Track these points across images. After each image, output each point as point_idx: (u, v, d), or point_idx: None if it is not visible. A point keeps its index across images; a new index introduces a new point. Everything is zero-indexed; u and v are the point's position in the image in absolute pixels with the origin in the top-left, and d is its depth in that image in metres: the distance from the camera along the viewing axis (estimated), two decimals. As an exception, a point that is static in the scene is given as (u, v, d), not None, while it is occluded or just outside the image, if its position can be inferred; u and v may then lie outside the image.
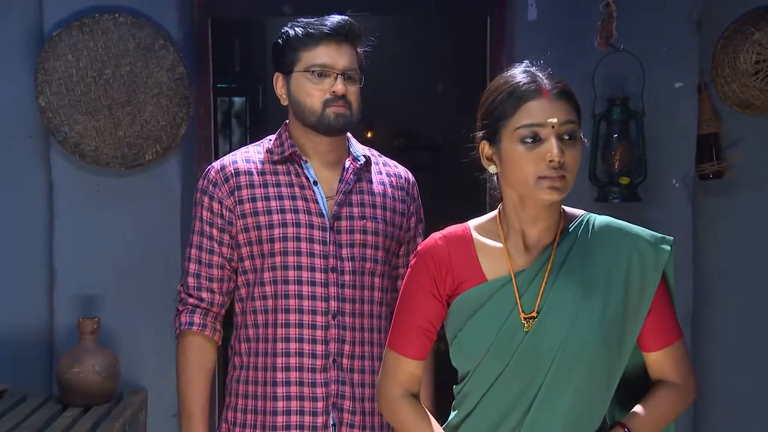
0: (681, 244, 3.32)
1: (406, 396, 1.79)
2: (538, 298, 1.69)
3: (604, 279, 1.69)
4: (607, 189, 3.20)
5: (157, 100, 3.15)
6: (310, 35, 2.17)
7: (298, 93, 2.19)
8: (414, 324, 1.78)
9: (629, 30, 3.26)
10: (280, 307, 2.17)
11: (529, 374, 1.68)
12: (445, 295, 1.76)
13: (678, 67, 3.31)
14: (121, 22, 3.13)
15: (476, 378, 1.73)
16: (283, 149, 2.23)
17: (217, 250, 2.22)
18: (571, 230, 1.75)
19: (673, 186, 3.32)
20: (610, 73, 3.24)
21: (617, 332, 1.68)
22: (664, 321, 1.73)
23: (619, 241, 1.73)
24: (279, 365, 2.17)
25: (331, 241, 2.18)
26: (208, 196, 2.22)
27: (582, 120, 1.76)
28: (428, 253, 1.78)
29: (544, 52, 3.27)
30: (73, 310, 3.18)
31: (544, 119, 1.64)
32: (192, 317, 2.22)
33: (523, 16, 3.29)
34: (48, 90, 3.12)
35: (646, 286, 1.71)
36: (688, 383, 1.76)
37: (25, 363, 3.27)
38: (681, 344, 1.76)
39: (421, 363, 1.81)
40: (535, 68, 1.73)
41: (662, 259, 1.72)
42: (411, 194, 2.35)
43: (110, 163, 3.16)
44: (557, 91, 1.68)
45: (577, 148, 1.68)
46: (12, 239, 3.28)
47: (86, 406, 2.93)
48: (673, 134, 3.31)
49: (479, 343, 1.70)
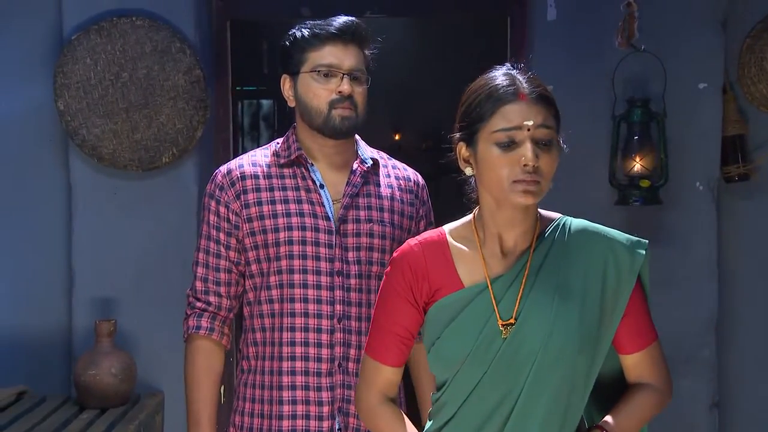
0: (705, 247, 3.30)
1: (384, 402, 1.81)
2: (516, 304, 1.68)
3: (581, 283, 1.69)
4: (627, 192, 3.16)
5: (173, 103, 3.15)
6: (317, 35, 2.18)
7: (305, 93, 2.19)
8: (391, 331, 1.78)
9: (651, 30, 3.21)
10: (286, 310, 2.17)
11: (508, 381, 1.68)
12: (422, 301, 1.76)
13: (702, 68, 3.26)
14: (138, 25, 3.14)
15: (455, 386, 1.72)
16: (290, 152, 2.22)
17: (224, 254, 2.22)
18: (547, 234, 1.74)
19: (697, 189, 3.27)
20: (630, 73, 3.20)
21: (593, 336, 1.69)
22: (640, 323, 1.74)
23: (596, 245, 1.73)
24: (285, 369, 2.17)
25: (337, 245, 2.18)
26: (215, 200, 2.23)
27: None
28: (404, 259, 1.77)
29: (564, 52, 3.29)
30: (91, 312, 3.20)
31: (520, 122, 1.64)
32: (199, 321, 2.22)
33: (543, 15, 3.26)
34: (66, 93, 3.14)
35: (621, 290, 1.71)
36: (665, 384, 1.77)
37: (45, 365, 3.29)
38: (657, 345, 1.77)
39: (399, 369, 1.81)
40: (516, 71, 1.71)
41: (637, 263, 1.72)
42: (420, 197, 2.33)
43: (127, 166, 3.17)
44: (535, 95, 1.66)
45: (553, 154, 1.67)
46: (32, 241, 3.30)
47: (103, 408, 2.94)
48: (697, 136, 3.26)
49: (457, 351, 1.70)
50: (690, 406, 3.28)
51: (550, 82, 3.16)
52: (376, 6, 3.46)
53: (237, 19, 3.48)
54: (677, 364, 3.30)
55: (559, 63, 3.26)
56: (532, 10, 3.31)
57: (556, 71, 3.22)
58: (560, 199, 3.37)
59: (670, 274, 3.24)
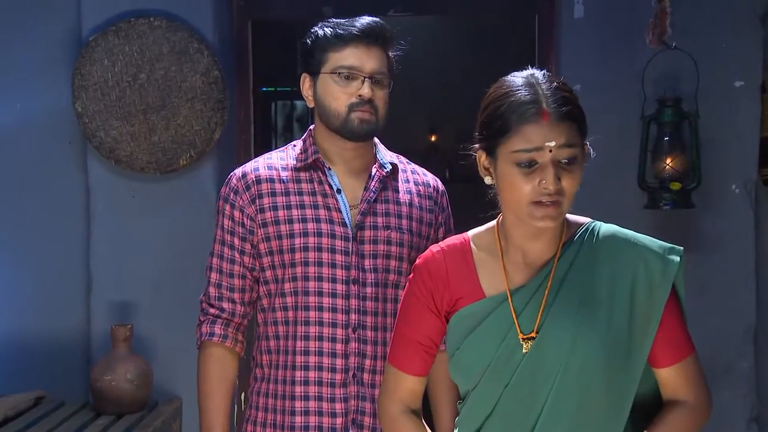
0: (742, 253, 3.18)
1: (405, 412, 1.77)
2: (538, 316, 1.62)
3: (607, 294, 1.62)
4: (657, 195, 3.05)
5: (191, 105, 3.11)
6: (339, 36, 2.10)
7: (324, 95, 2.12)
8: (413, 339, 1.75)
9: (684, 26, 3.11)
10: (300, 319, 2.11)
11: (529, 398, 1.61)
12: (444, 310, 1.72)
13: (739, 65, 3.15)
14: (155, 26, 3.11)
15: (475, 398, 1.68)
16: (307, 155, 2.17)
17: (238, 260, 2.17)
18: (574, 242, 1.67)
19: (733, 192, 3.15)
20: (660, 72, 3.10)
21: (622, 350, 1.60)
22: (675, 335, 1.65)
23: (624, 253, 1.65)
24: (298, 379, 2.11)
25: (354, 252, 2.11)
26: (230, 204, 2.17)
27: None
28: (425, 266, 1.74)
29: (591, 51, 3.19)
30: (108, 317, 3.18)
31: (541, 143, 1.57)
32: (213, 328, 2.18)
33: (570, 14, 3.18)
34: (84, 95, 3.12)
35: (654, 300, 1.62)
36: (701, 401, 1.68)
37: (65, 369, 3.28)
38: (694, 359, 1.67)
39: (422, 379, 1.77)
40: (542, 79, 1.62)
41: (671, 271, 1.63)
42: (440, 204, 2.26)
43: (145, 169, 3.14)
44: (558, 114, 1.57)
45: (576, 172, 1.60)
46: (52, 244, 3.29)
47: (119, 414, 2.92)
48: (733, 136, 3.15)
49: (476, 362, 1.65)
50: (727, 420, 3.16)
51: (578, 81, 3.15)
52: (401, 5, 3.39)
53: (259, 19, 3.43)
54: (714, 377, 3.17)
55: (587, 62, 3.18)
56: (560, 8, 3.23)
57: (584, 70, 3.15)
58: (587, 202, 3.25)
59: (704, 281, 3.13)
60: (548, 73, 1.64)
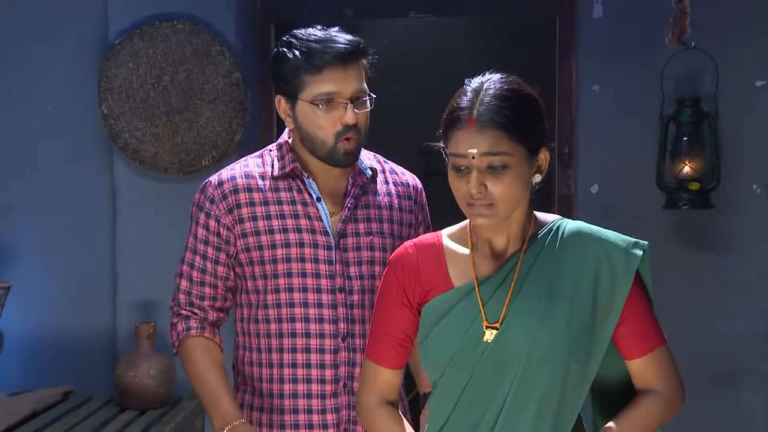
0: (762, 253, 3.15)
1: (382, 404, 1.80)
2: (504, 307, 1.66)
3: (570, 286, 1.65)
4: (675, 195, 3.04)
5: (213, 106, 3.16)
6: (313, 64, 1.99)
7: (307, 125, 2.04)
8: (388, 333, 1.78)
9: (704, 25, 3.09)
10: (286, 331, 2.07)
11: (493, 387, 1.66)
12: (415, 303, 1.75)
13: (760, 64, 3.13)
14: (179, 29, 3.16)
15: (443, 388, 1.72)
16: (284, 164, 2.09)
17: (210, 270, 2.10)
18: (539, 237, 1.71)
19: (754, 192, 3.13)
20: (679, 72, 3.09)
21: (584, 340, 1.64)
22: (643, 327, 1.68)
23: (588, 247, 1.68)
24: (286, 392, 2.07)
25: (338, 260, 2.07)
26: (205, 213, 2.11)
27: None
28: (398, 261, 1.78)
29: (611, 51, 3.19)
30: (134, 314, 3.23)
31: (464, 151, 1.61)
32: (188, 323, 2.11)
33: (589, 13, 3.18)
34: (110, 97, 3.18)
35: (617, 292, 1.65)
36: (673, 390, 1.69)
37: (92, 366, 3.34)
38: (663, 350, 1.69)
39: (398, 372, 1.81)
40: (491, 85, 1.63)
41: (633, 264, 1.66)
42: (419, 202, 2.23)
43: (168, 169, 3.19)
44: (485, 121, 1.59)
45: (508, 177, 1.61)
46: (78, 244, 3.36)
47: (143, 410, 2.96)
48: (753, 136, 3.13)
49: (443, 351, 1.69)
50: (748, 420, 3.12)
51: (597, 81, 3.14)
52: (421, 6, 3.41)
53: (282, 22, 3.46)
54: (733, 378, 3.17)
55: (606, 62, 3.18)
56: (579, 8, 3.23)
57: (603, 70, 3.15)
58: (605, 202, 3.30)
59: (724, 281, 3.11)
60: (509, 77, 1.65)
